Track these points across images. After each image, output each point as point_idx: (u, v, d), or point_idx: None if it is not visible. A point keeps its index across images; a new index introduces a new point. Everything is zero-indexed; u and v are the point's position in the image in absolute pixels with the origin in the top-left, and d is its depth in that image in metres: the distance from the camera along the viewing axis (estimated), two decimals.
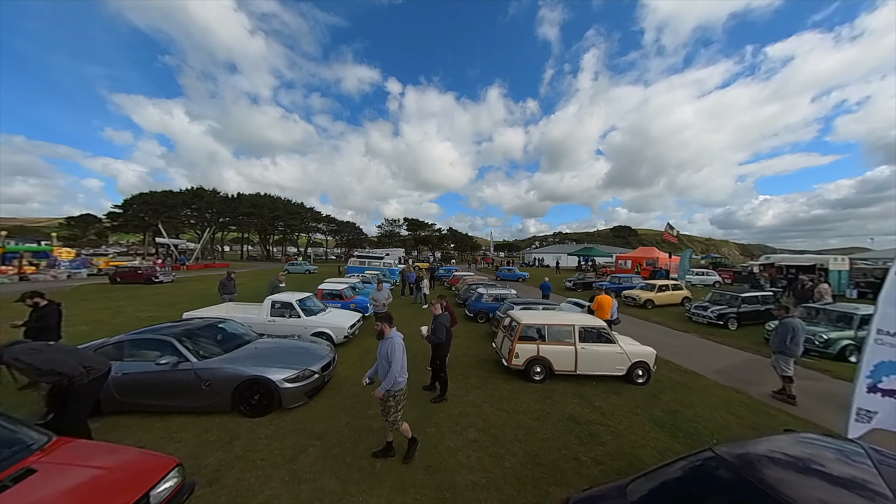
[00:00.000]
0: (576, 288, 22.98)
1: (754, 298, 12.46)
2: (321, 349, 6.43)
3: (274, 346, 6.19)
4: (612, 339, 6.93)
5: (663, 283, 16.72)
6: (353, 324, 9.25)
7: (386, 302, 9.95)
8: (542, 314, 7.88)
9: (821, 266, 19.01)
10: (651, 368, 6.87)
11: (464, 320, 12.84)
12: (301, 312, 8.70)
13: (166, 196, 70.61)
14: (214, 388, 4.97)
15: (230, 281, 11.50)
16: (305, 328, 8.58)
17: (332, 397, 5.91)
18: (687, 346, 10.17)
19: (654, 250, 31.34)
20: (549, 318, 7.37)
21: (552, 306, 10.16)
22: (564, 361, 6.75)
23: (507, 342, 7.11)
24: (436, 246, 76.46)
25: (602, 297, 9.05)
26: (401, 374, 4.01)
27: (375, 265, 28.85)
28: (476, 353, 8.78)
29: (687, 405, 5.98)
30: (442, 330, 5.75)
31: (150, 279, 21.18)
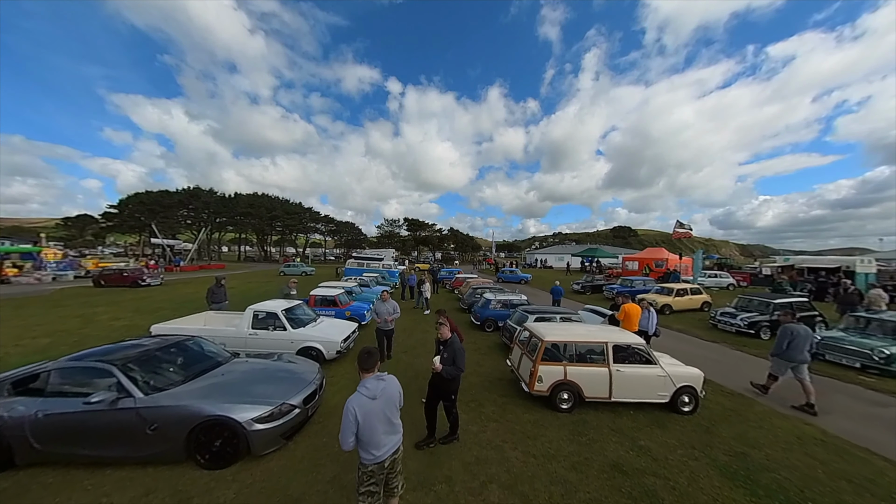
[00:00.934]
0: (584, 291, 21.89)
1: (788, 306, 11.36)
2: (306, 373, 5.34)
3: (247, 370, 5.08)
4: (652, 358, 5.84)
5: (681, 286, 15.64)
6: (346, 336, 8.16)
7: (391, 318, 8.09)
8: (567, 328, 6.79)
9: (846, 268, 17.95)
10: (699, 394, 5.79)
11: (470, 329, 11.76)
12: (287, 324, 7.60)
13: (162, 196, 69.55)
14: (163, 432, 3.87)
15: (220, 288, 10.27)
16: (292, 343, 7.50)
17: (317, 436, 4.80)
18: (721, 360, 9.08)
19: (662, 251, 30.24)
20: (577, 333, 6.28)
21: (570, 316, 9.07)
22: (596, 386, 5.66)
23: (527, 362, 6.02)
24: (436, 247, 75.39)
25: (630, 307, 7.95)
26: (345, 443, 2.77)
27: (375, 267, 27.78)
28: (488, 371, 7.69)
29: (752, 444, 4.89)
30: (462, 357, 4.58)
31: (136, 282, 20.08)
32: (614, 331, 6.49)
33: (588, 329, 6.68)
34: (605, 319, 9.07)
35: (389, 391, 2.99)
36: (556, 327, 6.70)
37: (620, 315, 8.04)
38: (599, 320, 9.11)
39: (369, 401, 2.82)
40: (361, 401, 2.80)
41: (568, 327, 6.86)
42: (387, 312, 8.10)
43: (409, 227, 75.39)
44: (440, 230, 77.05)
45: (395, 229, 76.09)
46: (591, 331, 6.46)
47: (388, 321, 8.05)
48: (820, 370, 8.14)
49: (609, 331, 6.46)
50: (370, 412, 2.79)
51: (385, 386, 2.96)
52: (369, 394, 2.84)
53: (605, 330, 6.56)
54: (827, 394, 6.87)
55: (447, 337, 4.78)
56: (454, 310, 15.59)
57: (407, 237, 75.97)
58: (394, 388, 3.07)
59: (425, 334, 10.89)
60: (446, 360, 4.49)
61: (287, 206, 69.70)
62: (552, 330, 6.26)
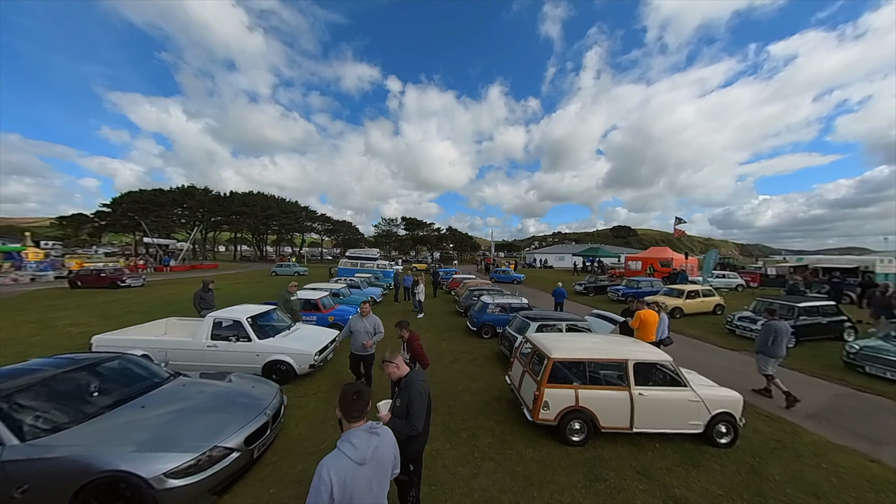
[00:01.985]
0: (587, 292, 20.89)
1: (814, 310, 10.38)
2: (259, 399, 4.33)
3: (179, 399, 4.05)
4: (682, 378, 4.83)
5: (692, 288, 14.64)
6: (323, 347, 7.12)
7: (370, 342, 5.80)
8: (577, 340, 5.77)
9: (865, 268, 16.99)
10: (738, 422, 4.78)
11: (465, 335, 10.75)
12: (252, 333, 6.56)
13: (156, 194, 68.49)
14: (36, 496, 2.85)
15: (208, 293, 9.04)
16: (257, 356, 6.47)
17: (264, 483, 3.77)
18: (744, 371, 8.07)
19: (667, 250, 29.32)
20: (590, 347, 5.26)
21: (578, 324, 8.04)
22: (615, 414, 4.65)
23: (530, 382, 5.01)
24: (434, 246, 74.37)
25: (646, 314, 6.95)
26: None
27: (369, 267, 26.75)
28: (484, 387, 6.67)
29: (814, 491, 3.89)
30: (421, 408, 2.94)
31: (115, 283, 19.01)
32: (634, 344, 5.48)
33: (603, 342, 5.65)
34: (617, 327, 8.07)
35: (383, 453, 2.05)
36: (564, 339, 5.68)
37: (635, 322, 7.04)
38: (609, 328, 8.11)
39: (354, 466, 1.88)
40: (343, 465, 1.86)
41: (578, 339, 5.84)
42: (364, 333, 5.73)
43: (406, 226, 74.33)
44: (438, 229, 75.99)
45: (392, 229, 75.03)
46: (607, 344, 5.45)
47: (365, 346, 5.71)
48: (861, 385, 7.17)
49: (628, 344, 5.44)
50: (354, 483, 1.84)
51: (379, 444, 2.02)
52: (356, 455, 1.90)
53: (624, 343, 5.54)
54: (877, 416, 5.89)
55: (397, 377, 3.34)
56: (450, 313, 14.59)
57: (405, 237, 74.91)
58: (388, 447, 2.12)
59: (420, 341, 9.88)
60: (398, 408, 2.96)
61: (283, 205, 68.62)
62: (560, 343, 5.23)
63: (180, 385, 4.35)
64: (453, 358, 8.51)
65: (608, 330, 8.02)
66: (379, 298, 16.93)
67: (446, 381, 6.97)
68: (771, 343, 6.28)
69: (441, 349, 9.23)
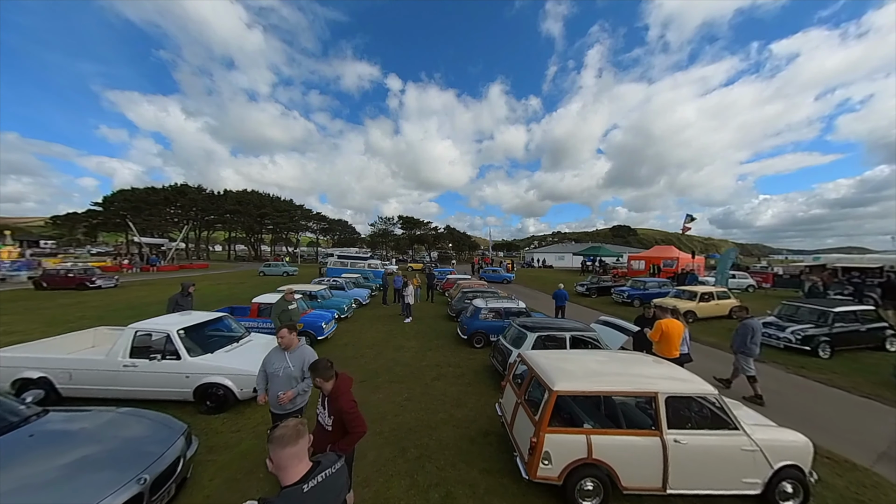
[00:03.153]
0: (590, 293, 19.62)
1: (851, 316, 9.12)
2: (143, 452, 3.06)
3: (18, 457, 2.78)
4: (731, 419, 3.56)
5: (706, 289, 13.37)
6: None
7: (289, 393, 3.45)
8: (585, 360, 4.47)
9: (890, 268, 15.75)
10: (808, 478, 3.52)
11: (455, 344, 9.47)
12: (182, 349, 5.28)
13: (148, 193, 67.15)
14: None
15: (186, 297, 7.88)
16: (187, 377, 5.19)
17: None
18: (781, 391, 6.83)
19: (672, 249, 28.06)
20: (606, 373, 3.97)
21: (586, 335, 6.74)
22: (642, 469, 3.38)
23: (526, 421, 3.73)
24: (432, 245, 73.03)
25: (670, 324, 5.69)
26: None
27: (360, 267, 25.49)
28: (469, 415, 5.40)
29: None
30: None
31: (83, 284, 17.68)
32: (663, 367, 4.19)
33: (620, 363, 4.36)
34: (630, 339, 6.81)
35: None
36: (570, 360, 4.39)
37: (655, 334, 5.78)
38: (621, 340, 6.83)
39: None
40: None
41: (588, 359, 4.55)
42: (284, 377, 3.49)
43: (403, 225, 72.97)
44: (436, 228, 74.63)
45: (389, 228, 73.70)
46: (627, 367, 4.16)
47: (280, 401, 3.42)
48: None
49: (654, 367, 4.16)
50: None
51: None
52: None
53: (647, 365, 4.25)
54: None
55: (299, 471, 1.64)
56: (441, 317, 13.32)
57: (402, 236, 73.56)
58: None
59: (398, 353, 8.60)
60: None
61: (277, 204, 67.27)
62: (565, 367, 3.95)
63: (25, 436, 3.06)
64: (437, 374, 7.24)
65: (619, 342, 6.75)
66: (366, 301, 15.67)
67: (425, 406, 5.71)
68: (749, 341, 6.23)
69: (424, 362, 7.96)
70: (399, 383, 6.67)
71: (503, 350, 6.82)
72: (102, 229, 70.78)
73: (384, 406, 5.67)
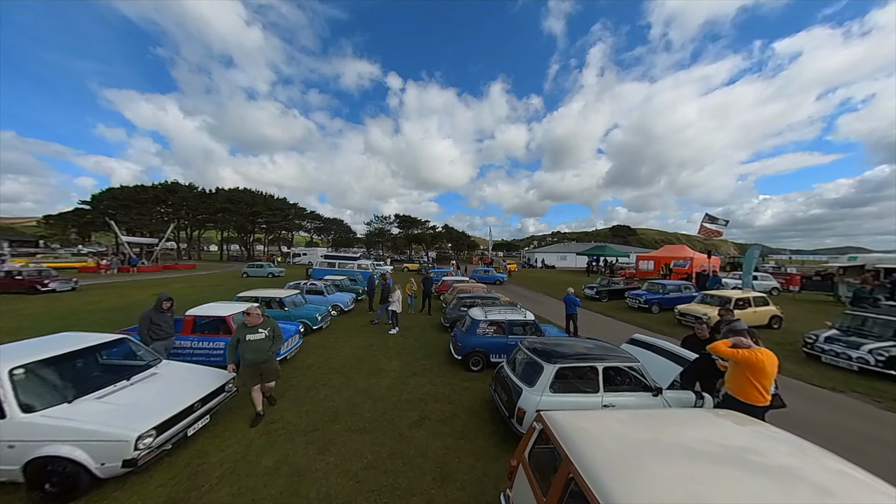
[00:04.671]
0: (600, 297, 17.73)
1: None
2: None
3: None
4: None
5: (742, 295, 11.49)
6: (174, 415, 3.95)
7: None
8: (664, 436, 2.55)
9: None
10: None
11: (447, 366, 7.57)
12: (10, 401, 3.37)
13: (137, 191, 65.26)
14: None
15: (163, 314, 6.03)
16: (11, 447, 3.29)
17: None
18: (885, 438, 4.97)
19: (685, 248, 26.27)
20: (714, 481, 2.05)
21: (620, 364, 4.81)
22: None
23: None
24: (430, 245, 71.06)
25: (762, 355, 3.81)
26: None
27: (349, 268, 23.59)
28: (460, 500, 3.50)
29: None
30: None
31: (34, 287, 15.74)
32: (820, 463, 2.27)
33: (732, 449, 2.44)
34: (681, 375, 4.90)
35: None
36: (634, 443, 2.48)
37: (741, 369, 3.90)
38: (673, 372, 4.89)
39: None
40: None
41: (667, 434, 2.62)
42: None
43: (400, 224, 70.97)
44: (433, 227, 72.63)
45: (386, 227, 71.72)
46: (755, 460, 2.24)
47: None
48: None
49: (805, 461, 2.23)
50: None
51: None
52: None
53: (782, 450, 2.33)
54: None
55: None
56: (434, 327, 11.41)
57: (399, 235, 71.57)
58: None
59: (372, 379, 6.68)
60: None
61: (270, 202, 65.29)
62: (630, 462, 2.05)
63: None
64: (419, 414, 5.34)
65: (670, 375, 4.82)
66: (348, 306, 13.76)
67: (392, 481, 3.81)
68: None
69: (404, 395, 6.06)
70: (363, 434, 4.77)
71: (509, 386, 4.91)
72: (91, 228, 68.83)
73: (331, 481, 3.76)
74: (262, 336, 4.99)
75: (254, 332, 4.95)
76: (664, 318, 13.59)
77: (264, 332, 5.01)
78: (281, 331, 5.35)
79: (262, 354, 4.92)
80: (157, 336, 5.90)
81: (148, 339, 5.79)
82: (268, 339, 5.04)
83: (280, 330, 5.34)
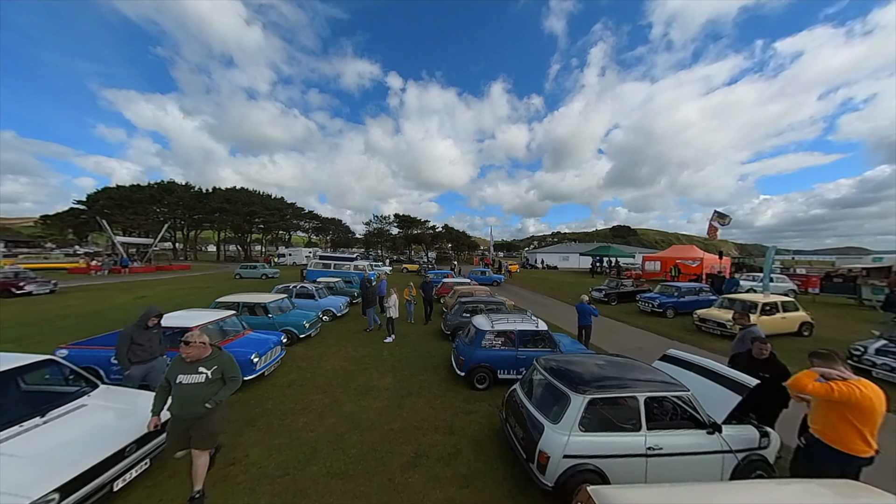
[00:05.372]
0: (609, 300, 16.78)
1: None
2: None
3: None
4: None
5: (769, 299, 10.53)
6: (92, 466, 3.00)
7: None
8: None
9: None
10: None
11: (448, 383, 6.61)
12: None
13: (133, 191, 64.41)
14: None
15: (146, 333, 4.95)
16: None
17: None
18: None
19: (694, 248, 25.32)
20: None
21: (667, 393, 3.85)
22: None
23: None
24: (430, 245, 70.11)
25: (867, 390, 2.87)
26: None
27: (346, 269, 22.65)
28: None
29: None
30: None
31: (7, 290, 14.81)
32: None
33: None
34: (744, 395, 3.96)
35: None
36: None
37: (836, 407, 2.97)
38: (730, 402, 3.92)
39: None
40: None
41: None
42: None
43: (399, 224, 69.99)
44: (433, 227, 71.63)
45: (385, 227, 70.74)
46: None
47: None
48: None
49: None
50: None
51: None
52: None
53: None
54: None
55: None
56: (433, 334, 10.46)
57: (398, 235, 70.58)
58: None
59: (362, 401, 5.73)
60: None
61: (267, 202, 64.35)
62: None
63: None
64: (415, 450, 4.39)
65: (727, 405, 3.87)
66: (342, 311, 12.82)
67: None
68: None
69: (397, 422, 5.11)
70: (345, 479, 3.83)
71: (525, 418, 3.96)
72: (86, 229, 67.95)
73: None
74: (201, 379, 3.34)
75: (190, 372, 3.35)
76: (680, 323, 12.65)
77: (206, 371, 3.38)
78: (236, 369, 3.64)
79: (194, 407, 3.28)
80: (137, 358, 4.81)
81: (126, 361, 4.75)
82: (209, 384, 3.37)
83: (235, 368, 3.62)
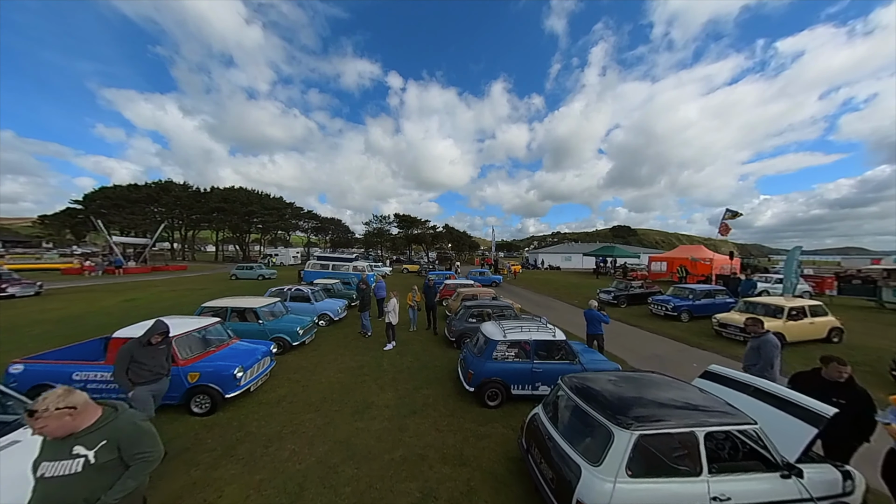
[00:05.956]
0: (619, 302, 16.10)
1: None
2: None
3: None
4: None
5: (796, 304, 9.83)
6: None
7: None
8: None
9: None
10: None
11: (455, 398, 5.92)
12: None
13: (129, 190, 63.72)
14: None
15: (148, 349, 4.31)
16: None
17: None
18: None
19: (702, 249, 24.66)
20: None
21: (726, 425, 3.18)
22: None
23: None
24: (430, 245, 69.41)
25: None
26: None
27: (344, 270, 21.99)
28: None
29: None
30: None
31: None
32: None
33: None
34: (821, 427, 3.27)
35: None
36: None
37: None
38: (805, 436, 3.23)
39: None
40: None
41: None
42: None
43: (400, 223, 69.27)
44: (434, 227, 70.90)
45: (385, 226, 70.02)
46: None
47: None
48: None
49: None
50: None
51: None
52: None
53: None
54: None
55: None
56: (437, 342, 9.76)
57: (398, 235, 69.85)
58: None
59: (358, 422, 5.03)
60: None
61: (265, 201, 63.63)
62: None
63: None
64: (421, 488, 3.71)
65: (802, 440, 3.19)
66: (339, 315, 12.14)
67: None
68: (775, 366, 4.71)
69: (398, 450, 4.42)
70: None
71: (553, 454, 3.27)
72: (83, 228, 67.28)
73: None
74: (78, 467, 2.02)
75: (57, 456, 2.03)
76: (697, 327, 11.97)
77: (87, 452, 2.05)
78: (144, 440, 2.26)
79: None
80: (140, 379, 4.20)
81: (126, 382, 4.13)
82: (94, 473, 2.04)
83: (141, 439, 2.25)
